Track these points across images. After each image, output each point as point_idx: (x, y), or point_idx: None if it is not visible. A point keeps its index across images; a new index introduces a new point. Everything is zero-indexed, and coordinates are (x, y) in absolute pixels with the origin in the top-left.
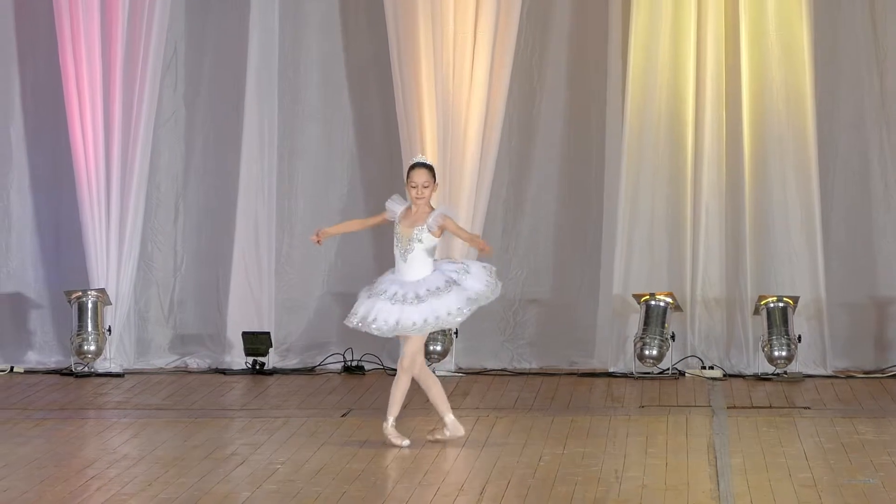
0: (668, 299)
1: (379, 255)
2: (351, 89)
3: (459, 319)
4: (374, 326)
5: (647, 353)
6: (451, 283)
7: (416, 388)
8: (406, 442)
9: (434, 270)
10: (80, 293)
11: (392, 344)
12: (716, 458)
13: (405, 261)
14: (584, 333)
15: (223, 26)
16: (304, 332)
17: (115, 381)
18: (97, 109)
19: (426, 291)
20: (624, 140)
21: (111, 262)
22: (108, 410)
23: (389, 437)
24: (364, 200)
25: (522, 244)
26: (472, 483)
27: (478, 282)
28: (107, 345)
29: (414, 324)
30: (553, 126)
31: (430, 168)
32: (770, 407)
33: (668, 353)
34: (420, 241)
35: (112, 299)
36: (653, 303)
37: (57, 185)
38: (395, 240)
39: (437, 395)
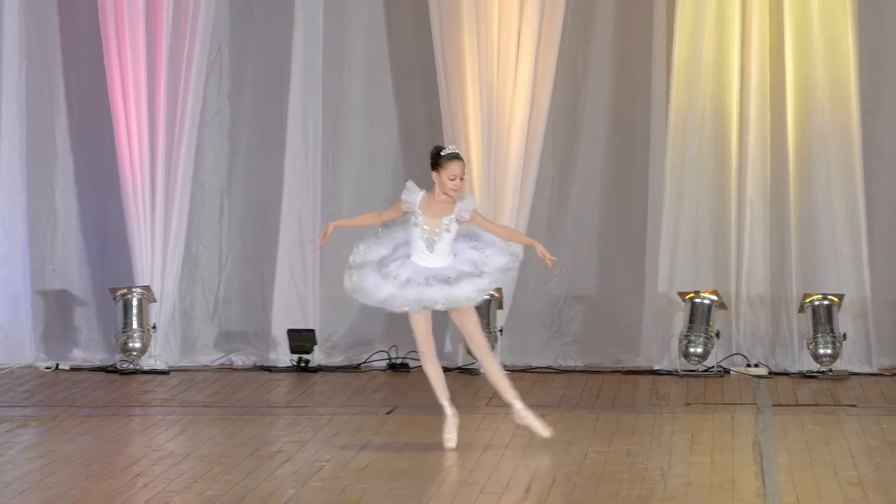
0: (713, 297)
1: None
2: (395, 88)
3: (487, 293)
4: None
5: (692, 350)
6: (478, 270)
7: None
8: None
9: (457, 255)
10: (126, 290)
11: (437, 341)
12: (761, 455)
13: (432, 251)
14: (629, 331)
15: (267, 25)
16: (349, 330)
17: (160, 378)
18: (142, 108)
19: (457, 274)
20: (668, 137)
21: (156, 260)
22: (154, 408)
23: (526, 420)
24: None
25: (567, 241)
26: (517, 481)
27: (501, 255)
28: (152, 342)
29: (469, 297)
30: (597, 123)
31: (462, 160)
32: (815, 405)
33: (713, 351)
34: (448, 230)
35: (157, 297)
36: (698, 300)
37: (102, 183)
38: (416, 231)
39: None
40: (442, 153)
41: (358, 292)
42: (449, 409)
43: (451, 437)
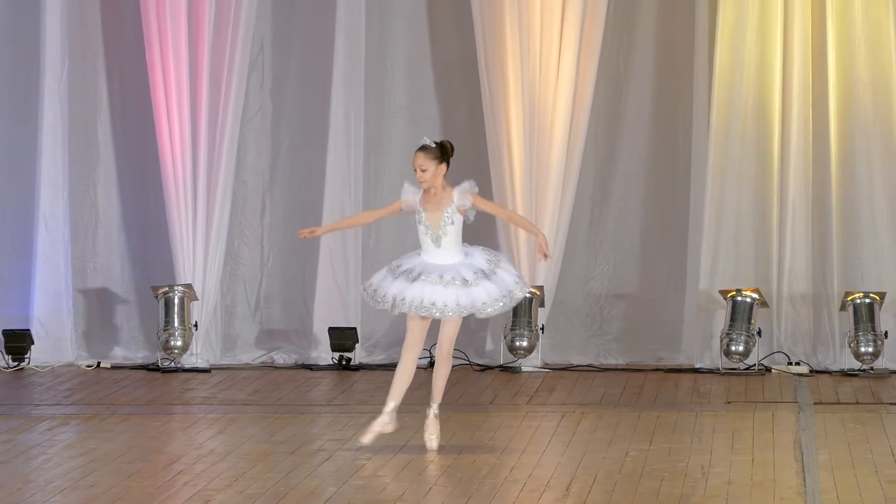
0: (755, 295)
1: None
2: (437, 85)
3: (493, 310)
4: (434, 310)
5: (733, 348)
6: (491, 271)
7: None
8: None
9: (467, 256)
10: (167, 288)
11: (478, 339)
12: (802, 454)
13: (440, 246)
14: (670, 329)
15: (309, 22)
16: (391, 328)
17: (201, 376)
18: (184, 105)
19: (473, 275)
20: (710, 135)
21: (198, 258)
22: (195, 406)
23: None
24: None
25: (608, 239)
26: (558, 479)
27: (509, 275)
28: (193, 340)
29: (459, 305)
30: (639, 121)
31: (428, 150)
32: (856, 403)
33: (755, 349)
34: (452, 223)
35: (199, 295)
36: (739, 298)
37: (144, 181)
38: (421, 228)
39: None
40: None
41: (374, 297)
42: (387, 411)
43: (367, 438)
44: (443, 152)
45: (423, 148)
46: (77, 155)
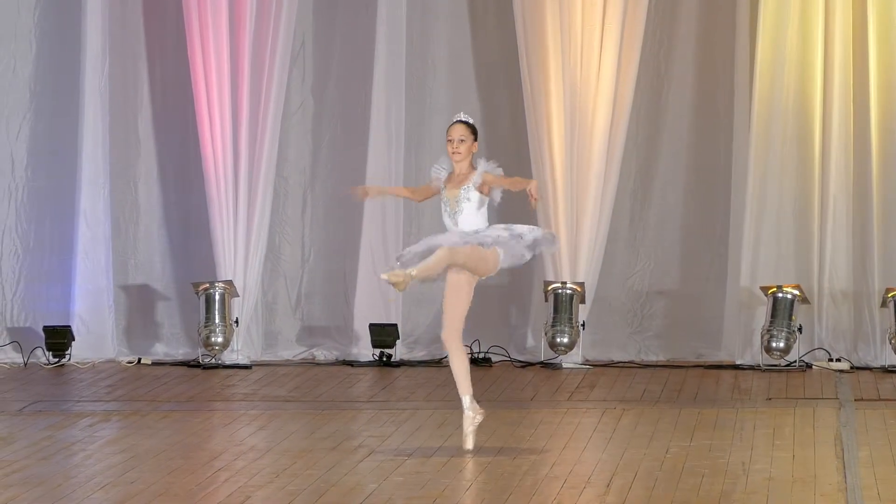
0: (796, 291)
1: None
2: (478, 82)
3: (524, 258)
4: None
5: (774, 345)
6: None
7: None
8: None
9: (489, 226)
10: (208, 285)
11: (518, 335)
12: (843, 450)
13: (456, 223)
14: (711, 325)
15: (351, 18)
16: (432, 324)
17: (242, 372)
18: (225, 102)
19: (490, 240)
20: (751, 132)
21: (238, 254)
22: (236, 402)
23: (473, 414)
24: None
25: (649, 235)
26: (598, 476)
27: (522, 226)
28: (234, 336)
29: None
30: (680, 118)
31: (468, 125)
32: None
33: (796, 346)
34: (468, 199)
35: (239, 291)
36: (780, 295)
37: (185, 177)
38: (443, 207)
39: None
40: None
41: (402, 262)
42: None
43: (468, 443)
44: (475, 132)
45: (463, 122)
46: (118, 151)
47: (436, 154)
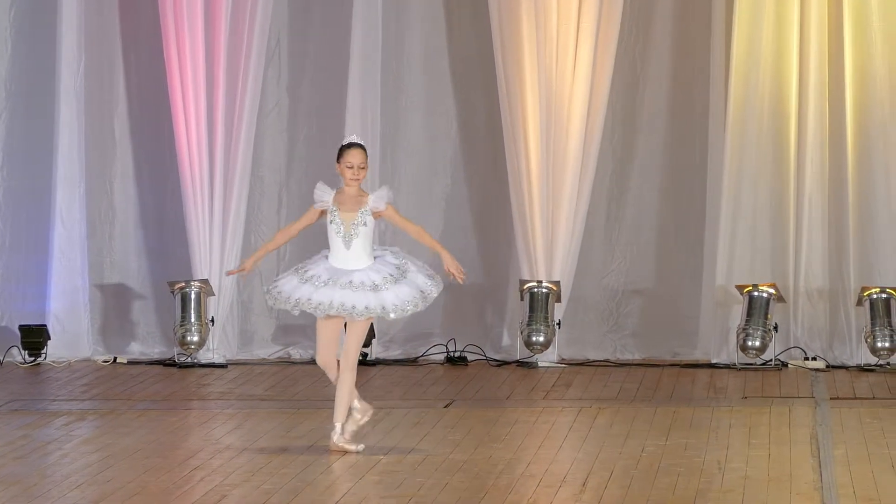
0: (771, 290)
1: (482, 245)
2: (454, 81)
3: (406, 312)
4: (342, 310)
5: (749, 344)
6: (401, 274)
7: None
8: (360, 447)
9: (377, 258)
10: (184, 284)
11: (494, 334)
12: (819, 449)
13: (349, 247)
14: (686, 324)
15: (326, 17)
16: (407, 323)
17: (218, 371)
18: (200, 100)
19: (382, 279)
20: (727, 130)
21: (214, 253)
22: (211, 401)
23: (340, 444)
24: (468, 192)
25: (625, 234)
26: (574, 474)
27: (421, 275)
28: (210, 335)
29: (367, 308)
30: (656, 116)
31: (365, 149)
32: (873, 398)
33: (771, 345)
34: (365, 224)
35: (215, 290)
36: (756, 294)
37: (160, 176)
38: (332, 227)
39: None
40: (343, 143)
41: (278, 298)
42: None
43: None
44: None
45: (362, 146)
46: (94, 151)
47: (411, 153)
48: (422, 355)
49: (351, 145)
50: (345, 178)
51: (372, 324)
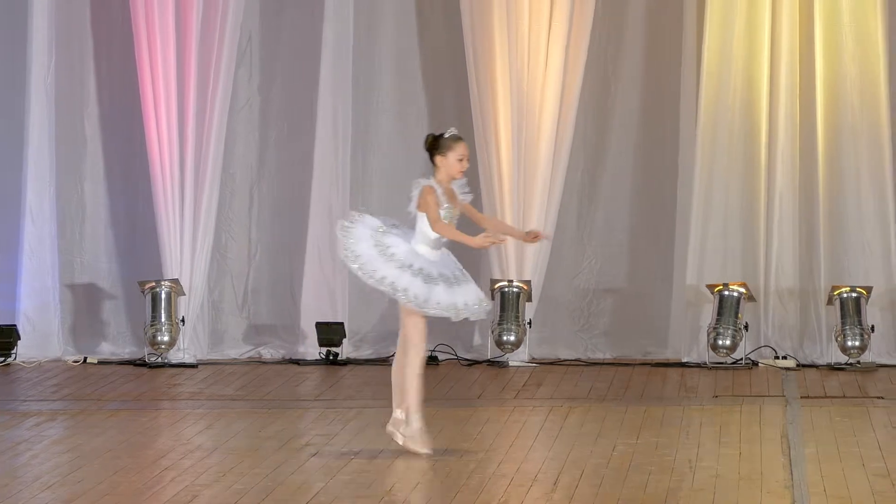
0: (742, 289)
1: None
2: (425, 80)
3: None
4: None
5: (720, 343)
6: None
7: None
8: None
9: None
10: (154, 284)
11: (465, 334)
12: (789, 447)
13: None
14: (657, 323)
15: (298, 16)
16: (378, 323)
17: (188, 371)
18: (171, 99)
19: (460, 272)
20: (698, 129)
21: (185, 253)
22: (182, 401)
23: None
24: None
25: (596, 233)
26: (545, 473)
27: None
28: (180, 335)
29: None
30: (627, 115)
31: None
32: (843, 397)
33: (742, 344)
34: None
35: (186, 289)
36: (726, 293)
37: (131, 175)
38: (446, 221)
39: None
40: (446, 135)
41: (362, 269)
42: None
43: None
44: None
45: (463, 139)
46: (64, 149)
47: (383, 152)
48: (393, 355)
49: (459, 138)
50: (452, 170)
51: (343, 323)
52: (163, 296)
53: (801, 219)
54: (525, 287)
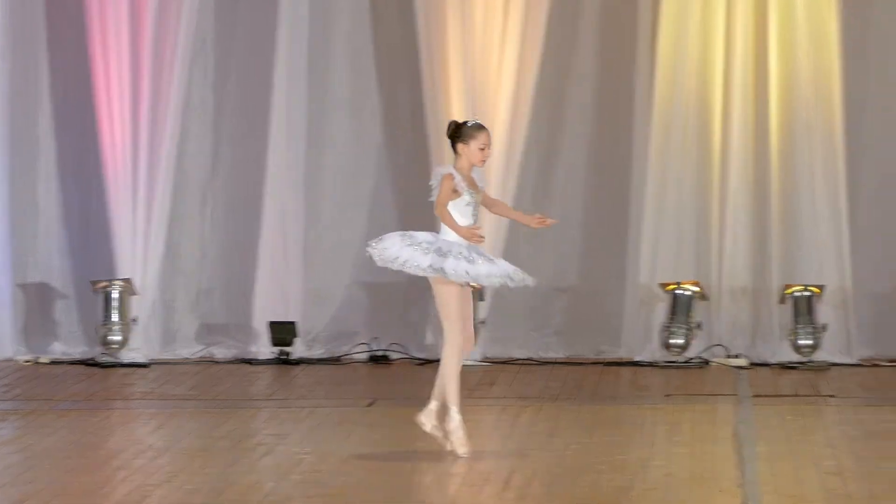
0: (695, 288)
1: None
2: (379, 79)
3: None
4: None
5: (672, 341)
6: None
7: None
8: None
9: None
10: (106, 283)
11: (417, 333)
12: (741, 446)
13: (476, 220)
14: (611, 322)
15: (252, 14)
16: (331, 322)
17: (140, 371)
18: (125, 97)
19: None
20: (651, 129)
21: (137, 251)
22: (134, 401)
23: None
24: (392, 189)
25: (550, 233)
26: (497, 473)
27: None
28: (132, 335)
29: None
30: (581, 115)
31: None
32: (795, 395)
33: (694, 342)
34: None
35: (138, 288)
36: (679, 292)
37: (84, 173)
38: (468, 210)
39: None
40: (469, 123)
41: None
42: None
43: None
44: None
45: (486, 128)
46: (17, 148)
47: (338, 150)
48: (345, 354)
49: (482, 127)
50: (474, 158)
51: (295, 322)
52: (115, 295)
53: (755, 218)
54: (477, 286)
